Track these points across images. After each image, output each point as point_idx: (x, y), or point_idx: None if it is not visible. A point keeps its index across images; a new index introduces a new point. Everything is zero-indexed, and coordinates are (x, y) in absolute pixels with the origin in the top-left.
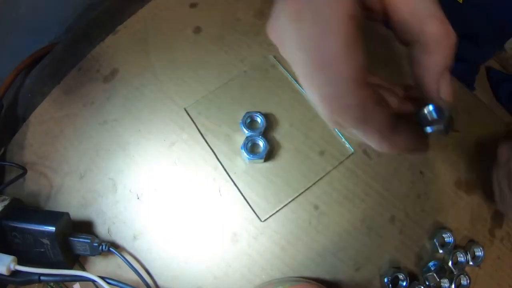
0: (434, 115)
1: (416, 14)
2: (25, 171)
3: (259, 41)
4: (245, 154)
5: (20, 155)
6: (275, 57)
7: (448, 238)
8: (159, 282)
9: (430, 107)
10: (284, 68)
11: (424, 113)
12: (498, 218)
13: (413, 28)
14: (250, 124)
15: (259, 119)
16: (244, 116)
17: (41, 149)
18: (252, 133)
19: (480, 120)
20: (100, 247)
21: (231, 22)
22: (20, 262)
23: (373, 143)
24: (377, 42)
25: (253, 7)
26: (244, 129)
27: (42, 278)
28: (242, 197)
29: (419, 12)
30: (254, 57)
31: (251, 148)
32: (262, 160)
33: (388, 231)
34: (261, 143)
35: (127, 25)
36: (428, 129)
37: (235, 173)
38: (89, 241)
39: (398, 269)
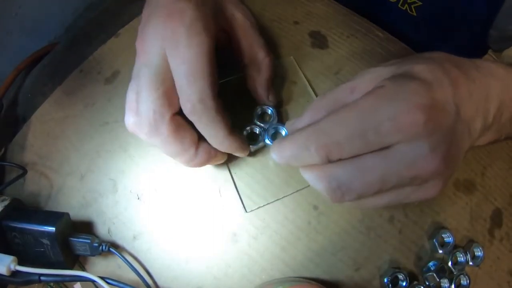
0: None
1: (251, 46)
2: (25, 171)
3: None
4: (269, 143)
5: (20, 155)
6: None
7: (447, 238)
8: (159, 282)
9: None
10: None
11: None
12: (497, 218)
13: (249, 56)
14: (261, 116)
15: (270, 110)
16: (256, 109)
17: (42, 149)
18: (268, 124)
19: None
20: (100, 247)
21: None
22: (20, 262)
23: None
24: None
25: (253, 8)
26: (258, 122)
27: (42, 278)
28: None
29: (253, 45)
30: None
31: (273, 136)
32: None
33: (387, 231)
34: (283, 131)
35: (128, 28)
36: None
37: (235, 173)
38: (89, 241)
39: (398, 269)
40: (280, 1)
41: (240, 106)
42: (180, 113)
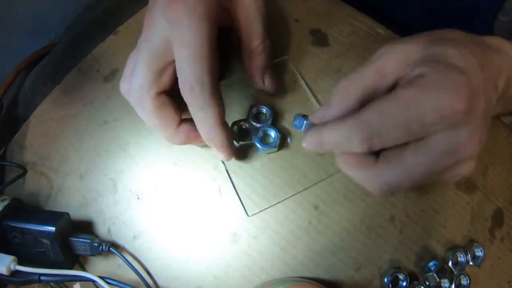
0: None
1: (249, 32)
2: (25, 171)
3: None
4: (258, 145)
5: (20, 155)
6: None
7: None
8: (159, 282)
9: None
10: (295, 69)
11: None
12: (498, 217)
13: (245, 41)
14: (256, 116)
15: (264, 110)
16: (251, 108)
17: (41, 149)
18: (262, 124)
19: None
20: (100, 247)
21: None
22: (20, 262)
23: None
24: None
25: None
26: (252, 122)
27: (42, 278)
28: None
29: (250, 31)
30: None
31: (262, 139)
32: (276, 149)
33: (388, 231)
34: (272, 133)
35: (127, 25)
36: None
37: (235, 173)
38: (89, 241)
39: (398, 269)
40: None
41: (240, 106)
42: (167, 93)
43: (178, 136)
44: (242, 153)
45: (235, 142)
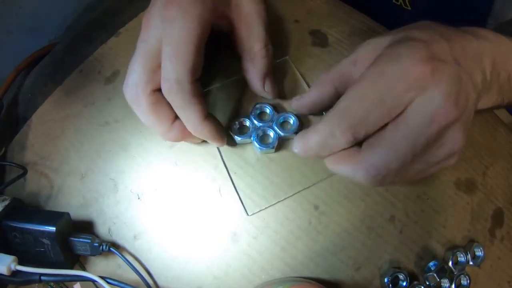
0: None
1: (250, 37)
2: (25, 171)
3: None
4: (256, 144)
5: (21, 155)
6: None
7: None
8: (159, 282)
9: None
10: (296, 68)
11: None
12: (498, 217)
13: (246, 46)
14: (259, 115)
15: (268, 109)
16: (254, 106)
17: (42, 149)
18: (262, 124)
19: (479, 120)
20: (101, 247)
21: None
22: (20, 262)
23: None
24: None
25: None
26: (254, 120)
27: (42, 278)
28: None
29: (252, 35)
30: None
31: (261, 138)
32: (273, 150)
33: (388, 231)
34: (271, 133)
35: (128, 27)
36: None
37: (235, 173)
38: (89, 241)
39: (398, 269)
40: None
41: (240, 108)
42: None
43: (173, 133)
44: (242, 151)
45: (236, 137)
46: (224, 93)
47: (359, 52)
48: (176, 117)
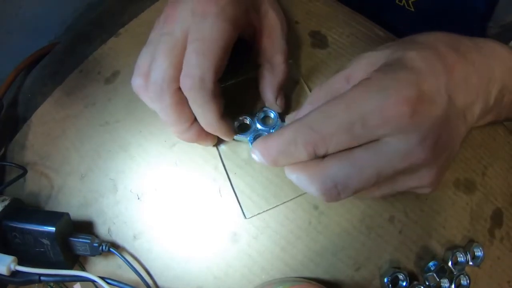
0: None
1: (272, 48)
2: (25, 171)
3: None
4: (251, 146)
5: (21, 155)
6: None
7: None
8: (159, 282)
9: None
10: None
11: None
12: (498, 218)
13: (267, 56)
14: (263, 119)
15: (272, 114)
16: (261, 109)
17: (42, 149)
18: (264, 128)
19: None
20: (100, 247)
21: None
22: (20, 262)
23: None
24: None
25: None
26: (257, 123)
27: (42, 278)
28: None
29: (274, 47)
30: None
31: (256, 139)
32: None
33: (388, 231)
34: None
35: (128, 28)
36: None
37: (235, 173)
38: (89, 241)
39: (398, 269)
40: (280, 1)
41: (246, 108)
42: None
43: (189, 134)
44: (242, 151)
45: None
46: (233, 92)
47: (353, 68)
48: (195, 119)
